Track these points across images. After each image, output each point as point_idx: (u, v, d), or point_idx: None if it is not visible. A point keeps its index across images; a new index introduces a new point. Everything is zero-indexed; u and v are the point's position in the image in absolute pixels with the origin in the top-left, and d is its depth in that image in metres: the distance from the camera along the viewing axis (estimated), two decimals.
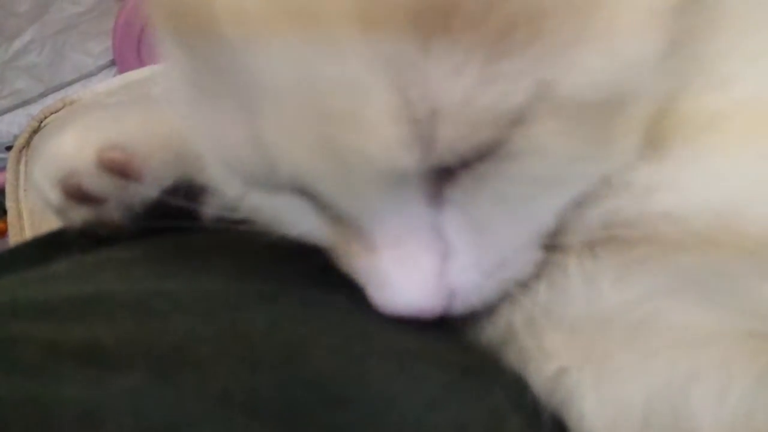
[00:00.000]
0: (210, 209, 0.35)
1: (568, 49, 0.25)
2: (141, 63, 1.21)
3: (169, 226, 0.36)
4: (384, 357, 0.30)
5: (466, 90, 0.24)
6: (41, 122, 1.17)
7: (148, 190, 0.36)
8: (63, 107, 1.18)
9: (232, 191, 0.31)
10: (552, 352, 0.31)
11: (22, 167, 1.10)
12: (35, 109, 1.24)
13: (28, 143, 1.15)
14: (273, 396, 0.26)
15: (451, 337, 0.33)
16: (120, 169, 0.35)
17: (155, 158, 0.36)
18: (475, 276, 0.29)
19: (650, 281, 0.30)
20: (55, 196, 0.36)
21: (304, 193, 0.28)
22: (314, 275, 0.32)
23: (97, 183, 0.35)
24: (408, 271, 0.28)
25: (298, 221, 0.31)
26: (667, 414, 0.29)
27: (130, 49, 1.28)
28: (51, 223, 0.39)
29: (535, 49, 0.24)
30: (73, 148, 0.35)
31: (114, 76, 1.32)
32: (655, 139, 0.29)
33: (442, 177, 0.27)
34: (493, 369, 0.32)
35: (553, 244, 0.31)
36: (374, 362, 0.29)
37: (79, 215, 0.36)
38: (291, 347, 0.28)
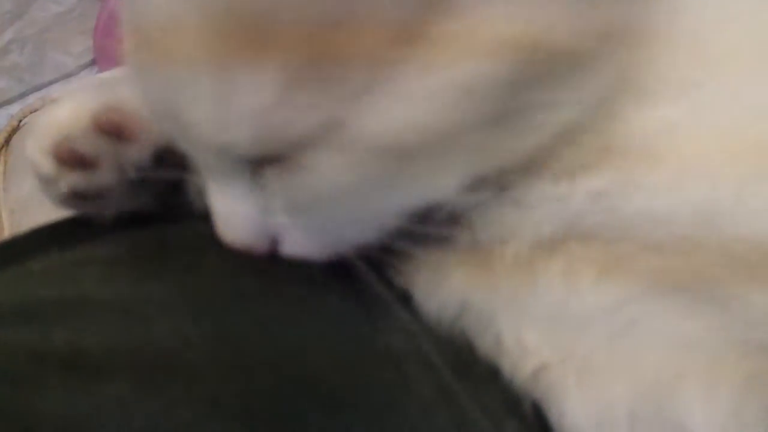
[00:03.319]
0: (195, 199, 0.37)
1: (364, 96, 0.26)
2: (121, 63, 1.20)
3: (153, 214, 0.36)
4: (378, 359, 0.29)
5: (262, 106, 0.27)
6: (20, 121, 1.16)
7: (141, 151, 0.36)
8: (42, 106, 1.17)
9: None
10: (531, 348, 0.31)
11: (1, 167, 1.09)
12: (15, 109, 1.23)
13: (7, 143, 1.14)
14: (266, 401, 0.25)
15: (442, 339, 0.32)
16: (115, 130, 0.35)
17: (148, 119, 0.35)
18: (297, 233, 0.31)
19: (632, 283, 0.29)
20: (46, 163, 0.35)
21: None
22: (303, 274, 0.32)
23: (91, 144, 0.35)
24: (232, 216, 0.32)
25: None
26: (655, 413, 0.29)
27: (111, 49, 1.26)
28: (31, 222, 0.38)
29: (332, 88, 0.26)
30: (68, 113, 0.35)
31: (94, 75, 1.30)
32: (590, 155, 0.29)
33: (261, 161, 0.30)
34: (486, 372, 0.32)
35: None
36: (369, 365, 0.29)
37: (70, 182, 0.35)
38: (282, 350, 0.28)
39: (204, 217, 0.33)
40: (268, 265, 0.32)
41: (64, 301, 0.28)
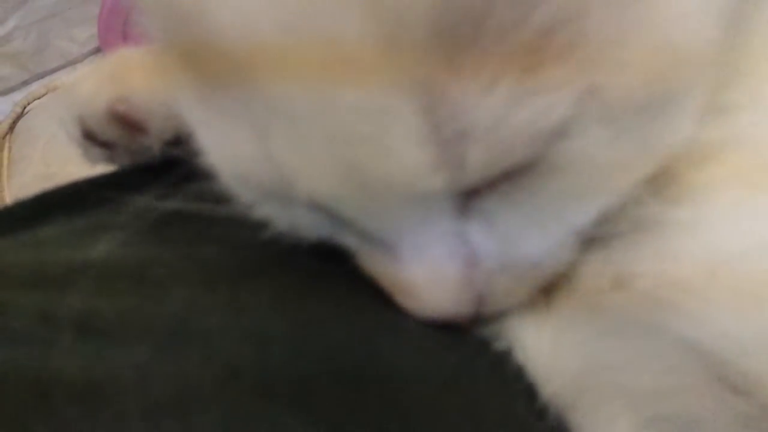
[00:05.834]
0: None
1: (615, 47, 0.22)
2: None
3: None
4: (393, 333, 0.28)
5: (498, 109, 0.22)
6: (24, 108, 1.15)
7: (152, 142, 0.37)
8: (46, 93, 1.16)
9: (244, 199, 0.30)
10: None
11: (5, 153, 1.08)
12: (19, 97, 1.22)
13: (11, 129, 1.13)
14: (283, 371, 0.25)
15: None
16: (126, 121, 0.37)
17: (158, 113, 0.37)
18: (502, 280, 0.28)
19: None
20: (75, 132, 0.38)
21: (323, 209, 0.27)
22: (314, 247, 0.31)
23: (105, 131, 0.37)
24: (434, 281, 0.27)
25: (318, 229, 0.29)
26: None
27: (116, 36, 1.25)
28: None
29: (578, 53, 0.22)
30: (87, 95, 0.37)
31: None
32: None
33: (470, 192, 0.26)
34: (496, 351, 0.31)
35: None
36: (384, 338, 0.28)
37: (96, 154, 0.39)
38: (298, 320, 0.27)
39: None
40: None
41: (76, 264, 0.28)
